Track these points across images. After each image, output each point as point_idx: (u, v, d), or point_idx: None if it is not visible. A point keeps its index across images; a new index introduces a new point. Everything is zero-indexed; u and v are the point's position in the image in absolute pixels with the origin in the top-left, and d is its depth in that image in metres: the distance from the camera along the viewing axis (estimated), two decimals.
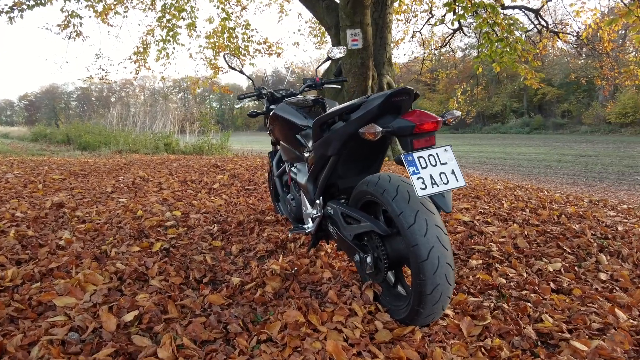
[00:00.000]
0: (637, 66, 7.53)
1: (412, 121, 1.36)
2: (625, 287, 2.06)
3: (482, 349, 1.43)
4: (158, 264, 1.97)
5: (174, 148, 9.22)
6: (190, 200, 3.52)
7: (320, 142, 1.79)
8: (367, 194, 1.67)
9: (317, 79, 2.73)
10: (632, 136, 24.68)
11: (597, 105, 28.04)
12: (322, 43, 10.47)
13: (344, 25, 5.76)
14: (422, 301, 1.45)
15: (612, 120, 26.45)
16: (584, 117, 29.05)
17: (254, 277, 1.87)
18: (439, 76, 11.31)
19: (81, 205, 3.21)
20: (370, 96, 1.51)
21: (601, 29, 7.77)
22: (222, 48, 8.52)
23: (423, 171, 1.37)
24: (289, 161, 2.47)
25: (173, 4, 7.46)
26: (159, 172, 4.89)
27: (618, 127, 26.42)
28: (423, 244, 1.40)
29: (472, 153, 16.12)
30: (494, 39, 5.23)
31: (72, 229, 2.55)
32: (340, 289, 1.81)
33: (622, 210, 3.66)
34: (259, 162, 6.14)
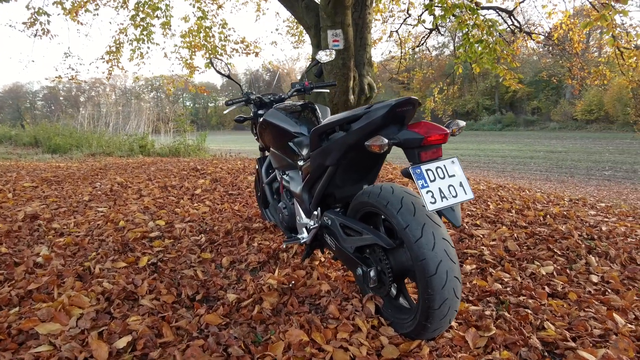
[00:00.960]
0: (606, 67, 7.79)
1: (419, 133, 1.32)
2: (617, 289, 2.09)
3: None
4: (147, 281, 1.87)
5: (149, 150, 8.95)
6: (173, 208, 3.40)
7: (318, 151, 1.73)
8: (368, 205, 1.62)
9: (307, 83, 2.66)
10: (597, 132, 25.69)
11: (564, 103, 29.06)
12: (300, 42, 10.38)
13: (324, 25, 5.71)
14: (429, 316, 1.41)
15: (579, 117, 27.48)
16: (553, 114, 30.05)
17: (250, 292, 1.80)
18: (415, 75, 11.40)
19: (57, 216, 3.04)
20: (372, 106, 1.46)
21: (571, 31, 8.00)
22: (198, 47, 8.31)
23: (432, 184, 1.33)
24: (280, 168, 2.40)
25: (147, 2, 7.21)
26: (137, 177, 4.71)
27: (584, 123, 27.47)
28: (431, 258, 1.36)
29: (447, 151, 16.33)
30: (474, 40, 5.28)
31: (50, 243, 2.40)
32: (341, 302, 1.76)
33: (601, 209, 3.76)
34: (239, 164, 6.02)
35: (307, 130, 2.15)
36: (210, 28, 7.71)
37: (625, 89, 18.81)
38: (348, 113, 1.56)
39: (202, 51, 8.34)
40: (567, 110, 28.45)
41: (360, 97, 6.63)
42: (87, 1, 6.61)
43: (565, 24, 7.81)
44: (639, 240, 2.67)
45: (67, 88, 43.76)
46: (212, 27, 7.73)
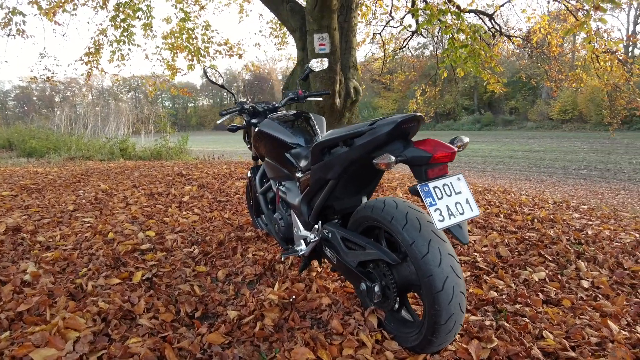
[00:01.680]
0: (582, 70, 8.02)
1: (427, 151, 1.32)
2: (607, 294, 2.15)
3: None
4: (144, 298, 1.82)
5: (130, 153, 8.75)
6: (162, 217, 3.33)
7: (319, 165, 1.71)
8: (371, 219, 1.62)
9: (300, 92, 2.64)
10: (572, 131, 26.45)
11: (541, 103, 29.80)
12: (283, 44, 10.32)
13: (311, 29, 5.69)
14: (435, 331, 1.42)
15: (555, 117, 28.23)
16: (530, 114, 30.78)
17: (251, 309, 1.77)
18: (398, 77, 11.50)
19: (41, 228, 2.93)
20: (377, 122, 1.46)
21: (550, 35, 8.20)
22: (181, 49, 8.17)
23: (439, 202, 1.33)
24: (275, 179, 2.37)
25: (127, 3, 7.04)
26: (121, 183, 4.60)
27: (560, 123, 28.24)
28: (438, 275, 1.37)
29: None
30: (458, 45, 5.35)
31: (37, 258, 2.31)
32: (343, 316, 1.75)
33: (584, 212, 3.86)
34: (225, 169, 5.95)
35: (304, 141, 2.14)
36: (193, 30, 7.58)
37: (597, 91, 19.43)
38: (351, 128, 1.55)
39: (184, 53, 8.20)
40: (543, 110, 29.20)
41: (346, 100, 6.64)
42: (65, 1, 6.41)
43: (543, 28, 8.01)
44: (623, 244, 2.75)
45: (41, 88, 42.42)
46: (194, 29, 7.61)
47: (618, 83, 7.40)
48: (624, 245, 2.73)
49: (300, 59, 7.26)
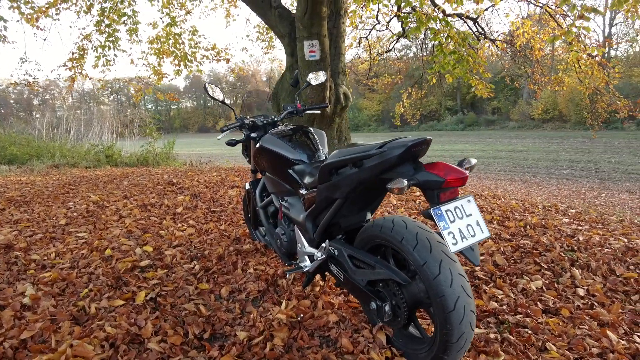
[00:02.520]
0: (564, 73, 8.22)
1: (440, 176, 1.34)
2: (602, 302, 2.22)
3: None
4: (151, 320, 1.80)
5: (116, 160, 8.59)
6: (157, 230, 3.29)
7: (327, 185, 1.73)
8: (379, 238, 1.64)
9: (299, 105, 2.65)
10: (552, 131, 27.07)
11: (522, 103, 30.41)
12: (270, 48, 10.31)
13: (300, 36, 5.69)
14: (447, 349, 1.45)
15: (536, 117, 28.84)
16: (512, 114, 31.39)
17: (260, 329, 1.77)
18: (384, 80, 11.59)
19: (34, 245, 2.87)
20: (387, 144, 1.48)
21: (533, 39, 8.39)
22: (167, 54, 8.07)
23: (452, 225, 1.36)
24: (277, 194, 2.38)
25: (112, 8, 6.93)
26: (111, 194, 4.52)
27: (541, 122, 28.87)
28: (449, 295, 1.40)
29: None
30: (447, 51, 5.43)
31: (34, 279, 2.26)
32: (352, 334, 1.77)
33: (573, 216, 3.96)
34: (216, 176, 5.91)
35: (307, 157, 2.15)
36: (180, 35, 7.51)
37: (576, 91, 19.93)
38: (360, 150, 1.56)
39: (171, 57, 8.10)
40: (524, 110, 29.80)
41: (336, 106, 6.66)
42: (48, 7, 6.27)
43: (527, 32, 8.18)
44: (614, 251, 2.84)
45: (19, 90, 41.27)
46: (182, 34, 7.53)
47: (598, 86, 7.61)
48: (614, 252, 2.82)
49: (289, 64, 7.26)
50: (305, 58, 5.76)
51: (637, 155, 14.87)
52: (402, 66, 13.30)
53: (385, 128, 40.56)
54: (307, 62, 5.81)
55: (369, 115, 42.05)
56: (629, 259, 2.69)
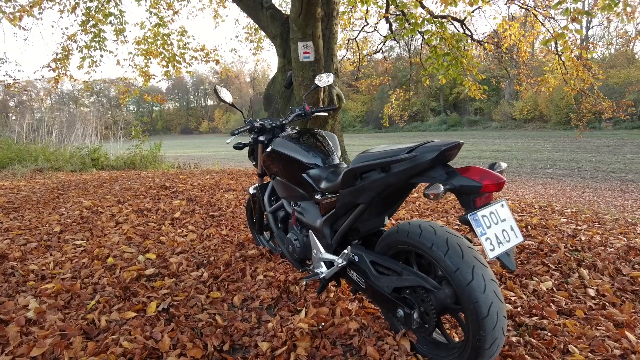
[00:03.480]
0: (550, 75, 8.39)
1: (476, 180, 1.32)
2: (613, 302, 2.24)
3: None
4: (167, 333, 1.73)
5: (102, 163, 8.37)
6: (157, 237, 3.20)
7: (351, 190, 1.69)
8: (405, 244, 1.61)
9: (307, 108, 2.61)
10: (533, 131, 27.66)
11: (504, 103, 30.97)
12: (259, 49, 10.22)
13: (294, 37, 5.64)
14: (479, 355, 1.43)
15: (517, 117, 29.42)
16: (494, 114, 31.95)
17: (283, 339, 1.72)
18: (373, 82, 11.63)
19: (30, 254, 2.75)
20: (417, 147, 1.45)
21: (519, 41, 8.53)
22: (154, 55, 7.92)
23: (489, 231, 1.34)
24: (288, 198, 2.33)
25: (98, 7, 6.75)
26: (104, 199, 4.39)
27: (522, 122, 29.47)
28: (483, 301, 1.38)
29: None
30: (441, 53, 5.47)
31: (35, 291, 2.16)
32: (376, 342, 1.73)
33: (570, 216, 4.02)
34: (209, 179, 5.81)
35: (322, 161, 2.11)
36: (169, 35, 7.37)
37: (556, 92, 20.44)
38: (387, 153, 1.53)
39: (158, 59, 7.95)
40: (506, 110, 30.37)
41: None
42: (32, 6, 6.06)
43: (514, 35, 8.31)
44: (617, 250, 2.88)
45: None
46: (170, 35, 7.39)
47: (584, 87, 7.78)
48: (618, 251, 2.86)
49: (281, 65, 7.20)
50: (300, 59, 5.72)
51: (615, 155, 15.28)
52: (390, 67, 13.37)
53: (369, 129, 40.79)
54: (301, 64, 5.76)
55: (353, 116, 42.24)
56: (633, 259, 2.74)
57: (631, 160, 13.95)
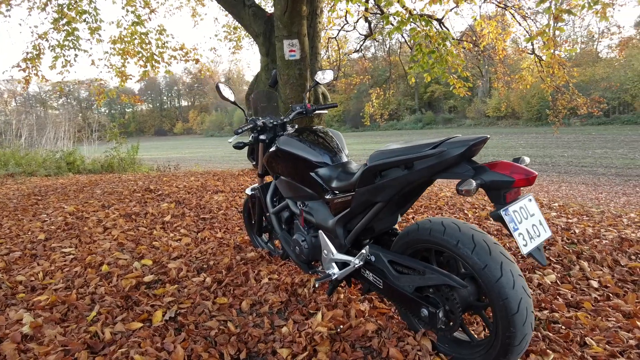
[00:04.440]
0: (528, 72, 8.60)
1: (508, 175, 1.30)
2: (616, 293, 2.28)
3: None
4: (179, 344, 1.64)
5: (78, 167, 8.04)
6: (150, 242, 3.07)
7: (369, 188, 1.64)
8: (428, 242, 1.58)
9: (309, 106, 2.55)
10: (506, 127, 28.42)
11: (477, 101, 31.69)
12: (238, 48, 10.05)
13: (280, 35, 5.56)
14: (509, 352, 1.41)
15: (490, 114, 30.17)
16: (468, 112, 32.66)
17: (303, 345, 1.66)
18: (354, 81, 11.66)
19: (15, 265, 2.58)
20: (442, 144, 1.42)
21: (497, 39, 8.70)
22: (131, 54, 7.66)
23: (520, 226, 1.32)
24: (294, 198, 2.26)
25: (70, 4, 6.47)
26: (87, 204, 4.19)
27: (495, 119, 30.23)
28: (513, 297, 1.36)
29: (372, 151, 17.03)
30: (426, 51, 5.50)
31: (27, 304, 2.02)
32: (397, 343, 1.70)
33: (559, 209, 4.11)
34: (194, 181, 5.65)
35: (330, 160, 2.05)
36: (147, 34, 7.14)
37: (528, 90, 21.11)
38: (410, 150, 1.49)
39: (135, 58, 7.70)
40: (480, 108, 31.08)
41: None
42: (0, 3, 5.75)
43: (492, 33, 8.48)
44: (611, 241, 2.95)
45: None
46: (148, 34, 7.16)
47: (559, 84, 8.01)
48: (612, 243, 2.93)
49: (264, 64, 7.10)
50: (285, 57, 5.64)
51: (585, 149, 15.88)
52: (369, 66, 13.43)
53: (346, 128, 41.00)
54: (286, 62, 5.69)
55: (330, 115, 42.30)
56: (628, 250, 2.80)
57: (600, 154, 14.52)
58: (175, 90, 63.61)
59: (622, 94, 23.90)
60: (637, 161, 12.50)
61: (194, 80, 59.83)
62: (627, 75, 24.23)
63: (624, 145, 15.97)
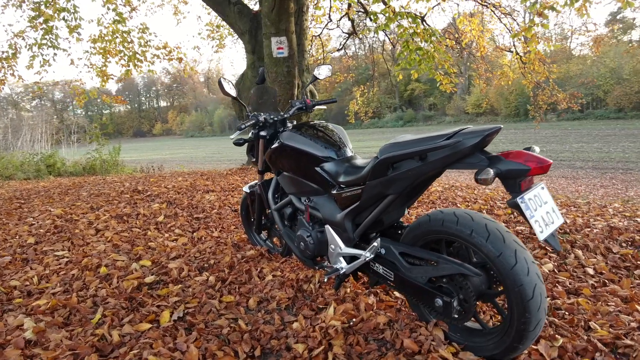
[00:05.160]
0: (509, 69, 8.78)
1: (524, 164, 1.32)
2: (611, 279, 2.35)
3: None
4: (192, 343, 1.61)
5: (59, 169, 7.81)
6: (146, 242, 3.01)
7: (381, 181, 1.65)
8: (440, 233, 1.59)
9: (308, 101, 2.54)
10: (485, 124, 28.92)
11: (457, 98, 32.18)
12: (222, 47, 9.94)
13: (267, 32, 5.52)
14: (523, 337, 1.44)
15: (470, 111, 30.68)
16: (447, 109, 33.13)
17: (318, 339, 1.65)
18: (337, 79, 11.68)
19: (6, 269, 2.49)
20: (456, 134, 1.43)
21: (479, 37, 8.86)
22: (112, 54, 7.48)
23: (536, 213, 1.35)
24: (299, 195, 2.25)
25: (49, 2, 6.27)
26: (74, 206, 4.08)
27: (475, 116, 30.76)
28: (528, 284, 1.39)
29: (361, 149, 17.12)
30: (413, 48, 5.56)
31: (26, 309, 1.95)
32: (410, 334, 1.71)
33: None
34: (182, 181, 5.57)
35: (335, 154, 2.05)
36: (129, 33, 6.98)
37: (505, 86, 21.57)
38: (425, 141, 1.50)
39: (116, 57, 7.52)
40: (459, 105, 31.57)
41: None
42: None
43: (474, 30, 8.62)
44: (602, 230, 3.04)
45: None
46: (130, 32, 7.00)
47: (540, 80, 8.21)
48: (602, 231, 3.02)
49: (250, 62, 7.04)
50: (273, 55, 5.61)
51: (562, 144, 16.32)
52: (352, 64, 13.48)
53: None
54: (274, 59, 5.65)
55: (313, 114, 42.23)
56: (618, 237, 2.89)
57: (577, 148, 14.95)
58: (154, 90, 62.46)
59: (595, 90, 24.68)
60: (611, 154, 12.93)
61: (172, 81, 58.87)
62: (599, 72, 25.03)
63: (598, 140, 16.49)
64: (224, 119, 53.86)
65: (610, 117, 24.04)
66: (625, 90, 23.85)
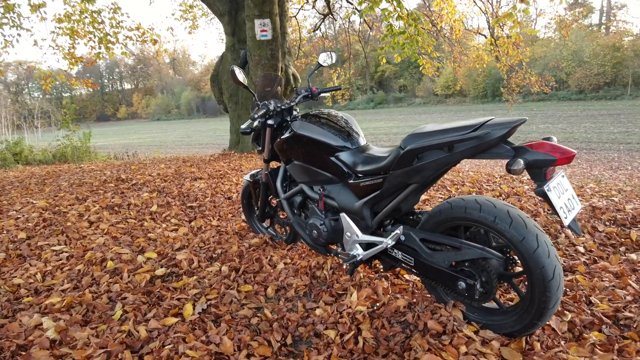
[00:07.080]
0: (485, 52, 8.97)
1: (550, 154, 1.39)
2: (600, 256, 2.52)
3: (594, 345, 1.60)
4: (225, 335, 1.63)
5: (27, 157, 7.42)
6: (144, 233, 2.95)
7: (407, 170, 1.69)
8: (462, 219, 1.66)
9: (314, 89, 2.53)
10: (454, 105, 29.58)
11: (426, 80, 32.61)
12: (194, 28, 9.61)
13: (250, 14, 5.39)
14: (543, 314, 1.54)
15: (439, 93, 31.22)
16: (417, 91, 33.56)
17: (348, 324, 1.70)
18: (314, 61, 11.57)
19: (3, 266, 2.39)
20: (483, 125, 1.49)
21: (454, 20, 8.97)
22: (80, 35, 7.09)
23: (559, 201, 1.43)
24: (311, 184, 2.26)
25: None
26: (57, 197, 3.92)
27: (444, 97, 31.35)
28: (549, 265, 1.48)
29: None
30: (397, 32, 5.57)
31: (40, 308, 1.90)
32: (432, 315, 1.79)
33: (528, 183, 4.41)
34: (165, 168, 5.44)
35: (350, 143, 2.07)
36: (99, 13, 6.61)
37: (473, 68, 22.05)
38: (451, 132, 1.54)
39: (85, 39, 7.14)
40: (429, 86, 32.03)
41: (286, 87, 6.50)
42: None
43: (451, 13, 8.71)
44: (585, 209, 3.23)
45: None
46: (100, 12, 6.64)
47: (514, 63, 8.45)
48: (586, 211, 3.21)
49: (229, 44, 6.87)
50: (257, 37, 5.50)
51: (529, 125, 16.92)
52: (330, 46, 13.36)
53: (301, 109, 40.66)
54: (258, 42, 5.55)
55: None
56: (601, 217, 3.09)
57: (543, 129, 15.57)
58: (117, 72, 59.76)
59: (558, 72, 25.61)
60: (575, 135, 13.57)
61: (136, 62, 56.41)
62: (562, 55, 25.94)
63: (562, 121, 17.23)
64: (191, 101, 52.36)
65: (572, 98, 25.11)
66: (585, 72, 24.90)
